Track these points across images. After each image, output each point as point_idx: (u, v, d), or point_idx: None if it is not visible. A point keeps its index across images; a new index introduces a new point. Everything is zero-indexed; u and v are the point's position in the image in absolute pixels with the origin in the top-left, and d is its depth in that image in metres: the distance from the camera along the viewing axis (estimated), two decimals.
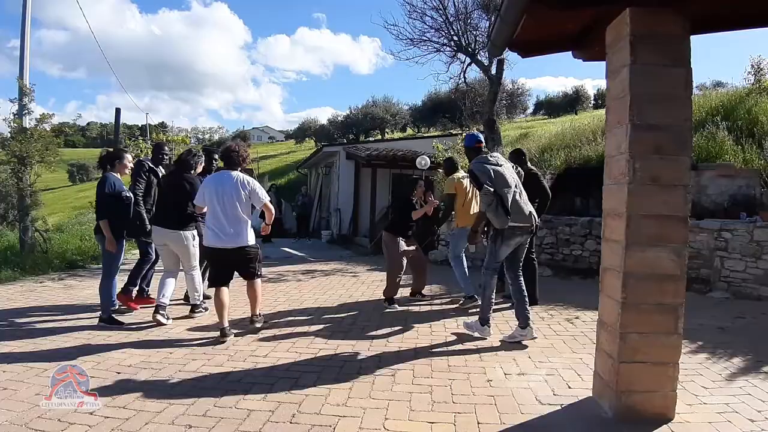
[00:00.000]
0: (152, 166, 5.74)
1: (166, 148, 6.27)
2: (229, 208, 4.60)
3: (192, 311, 5.37)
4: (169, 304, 5.24)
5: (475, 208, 5.87)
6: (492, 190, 4.37)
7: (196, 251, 5.26)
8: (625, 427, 2.86)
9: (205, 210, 4.73)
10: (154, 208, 5.58)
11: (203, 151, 6.26)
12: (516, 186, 4.60)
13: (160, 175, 5.83)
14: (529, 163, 6.38)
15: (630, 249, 2.88)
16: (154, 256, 5.69)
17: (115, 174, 5.12)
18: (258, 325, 4.90)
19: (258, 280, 4.89)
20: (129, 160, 5.32)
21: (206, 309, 5.42)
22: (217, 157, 5.98)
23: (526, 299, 4.66)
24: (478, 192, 4.70)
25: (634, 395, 2.91)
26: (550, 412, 3.10)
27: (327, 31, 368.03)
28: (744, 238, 6.36)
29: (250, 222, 4.75)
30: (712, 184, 7.62)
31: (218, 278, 4.71)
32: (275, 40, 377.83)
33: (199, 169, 5.57)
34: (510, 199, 4.42)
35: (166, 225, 5.08)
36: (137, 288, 5.67)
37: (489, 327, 4.73)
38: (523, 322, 4.56)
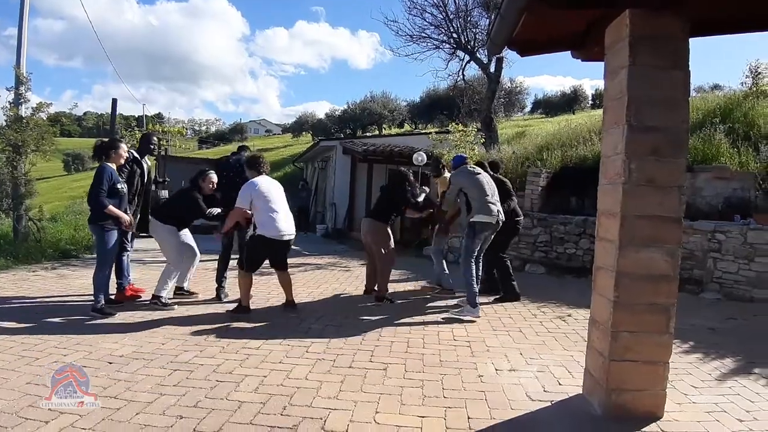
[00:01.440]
0: (137, 156, 5.73)
1: (155, 138, 6.31)
2: (286, 204, 5.28)
3: (152, 300, 5.32)
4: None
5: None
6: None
7: (170, 247, 5.42)
8: (615, 424, 2.88)
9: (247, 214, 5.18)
10: (136, 199, 5.71)
11: (238, 148, 6.76)
12: (490, 190, 5.52)
13: (145, 166, 5.86)
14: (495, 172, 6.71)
15: (623, 249, 2.89)
16: (130, 246, 5.72)
17: (111, 165, 5.08)
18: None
19: None
20: (124, 149, 5.27)
21: (165, 306, 5.29)
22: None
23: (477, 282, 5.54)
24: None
25: (624, 393, 2.93)
26: (540, 408, 3.12)
27: (326, 24, 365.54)
28: (737, 240, 6.40)
29: None
30: (707, 186, 7.65)
31: (258, 265, 5.24)
32: (273, 32, 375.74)
33: (210, 187, 5.64)
34: (481, 200, 5.37)
35: (153, 215, 5.56)
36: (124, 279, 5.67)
37: (478, 307, 5.30)
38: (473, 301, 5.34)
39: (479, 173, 5.64)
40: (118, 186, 5.03)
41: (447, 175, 6.50)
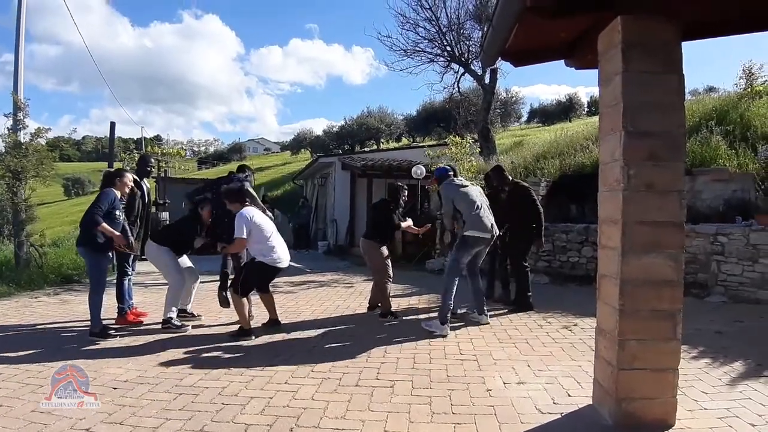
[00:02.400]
0: (136, 178, 5.78)
1: (152, 160, 6.51)
2: (277, 231, 5.36)
3: (163, 325, 5.33)
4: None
5: None
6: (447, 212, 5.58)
7: (167, 267, 5.46)
8: None
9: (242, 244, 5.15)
10: (138, 221, 5.82)
11: (238, 168, 6.63)
12: (480, 202, 5.40)
13: (145, 188, 5.97)
14: (510, 177, 6.77)
15: (626, 256, 2.88)
16: (131, 270, 5.78)
17: (116, 191, 5.12)
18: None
19: None
20: (129, 179, 5.41)
21: (178, 327, 5.32)
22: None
23: (483, 293, 5.77)
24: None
25: (634, 402, 2.89)
26: (550, 421, 3.09)
27: (320, 41, 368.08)
28: (740, 241, 6.38)
29: None
30: (706, 188, 7.65)
31: (252, 290, 5.22)
32: (268, 51, 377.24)
33: (207, 217, 5.67)
34: (471, 215, 5.26)
35: (151, 238, 5.69)
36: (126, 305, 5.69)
37: (447, 326, 5.21)
38: (480, 309, 5.63)
39: (466, 185, 5.56)
40: (116, 212, 5.06)
41: None
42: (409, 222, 6.35)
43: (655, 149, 2.87)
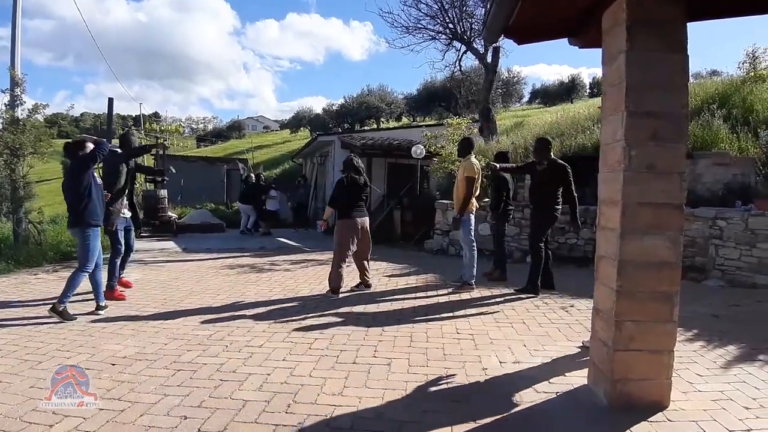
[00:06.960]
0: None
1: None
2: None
3: None
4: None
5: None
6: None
7: None
8: (620, 414, 2.86)
9: None
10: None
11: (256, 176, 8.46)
12: None
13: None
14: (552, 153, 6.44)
15: (625, 237, 2.87)
16: (123, 248, 5.88)
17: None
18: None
19: None
20: (89, 146, 5.12)
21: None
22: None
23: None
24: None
25: (630, 383, 2.91)
26: (546, 400, 3.11)
27: (317, 15, 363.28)
28: (739, 226, 6.38)
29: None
30: (707, 172, 7.62)
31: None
32: (264, 25, 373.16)
33: None
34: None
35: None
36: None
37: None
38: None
39: None
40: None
41: (472, 158, 6.36)
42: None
43: (658, 130, 2.85)
